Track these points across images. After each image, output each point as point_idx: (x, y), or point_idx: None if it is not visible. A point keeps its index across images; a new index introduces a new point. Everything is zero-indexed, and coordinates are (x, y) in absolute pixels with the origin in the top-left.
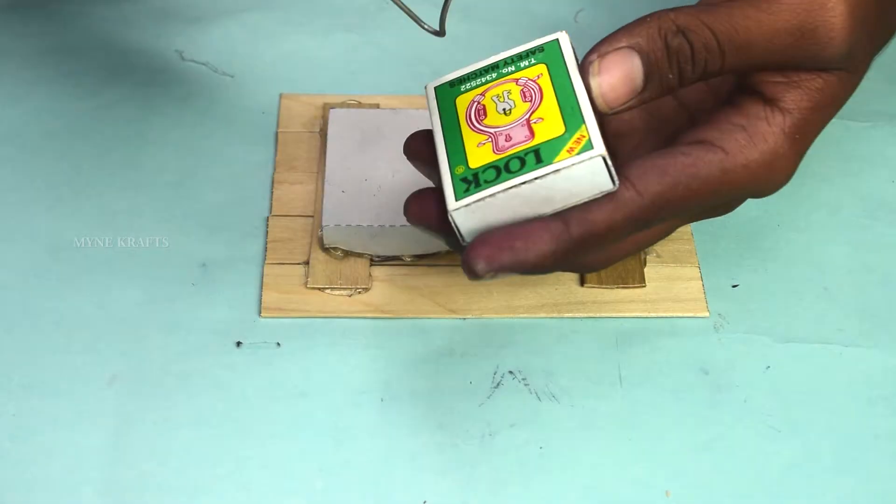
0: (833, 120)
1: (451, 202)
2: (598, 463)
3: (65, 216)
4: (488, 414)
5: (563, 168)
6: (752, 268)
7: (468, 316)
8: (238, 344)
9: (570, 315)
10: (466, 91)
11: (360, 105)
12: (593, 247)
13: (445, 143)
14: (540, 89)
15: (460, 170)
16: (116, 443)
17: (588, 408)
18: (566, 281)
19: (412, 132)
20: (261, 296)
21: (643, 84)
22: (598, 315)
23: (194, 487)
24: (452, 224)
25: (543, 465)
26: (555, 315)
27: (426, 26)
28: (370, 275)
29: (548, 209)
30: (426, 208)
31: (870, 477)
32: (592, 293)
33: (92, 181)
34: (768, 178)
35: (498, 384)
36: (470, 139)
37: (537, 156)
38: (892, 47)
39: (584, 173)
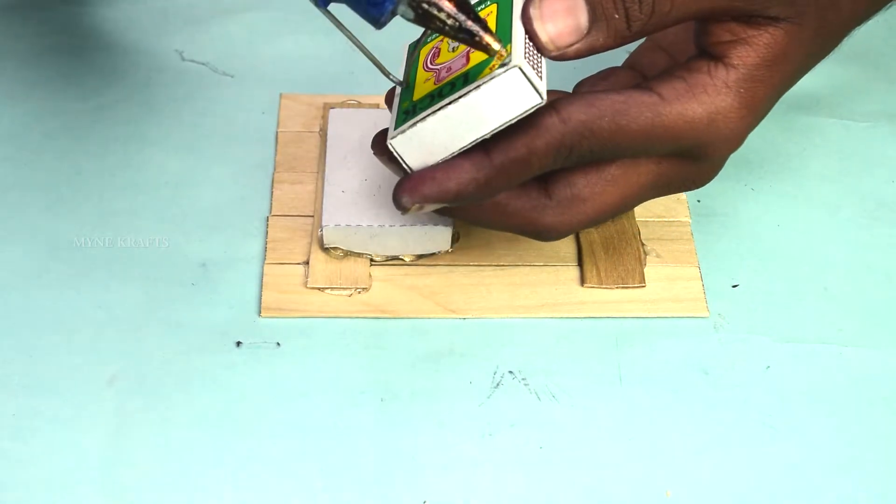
0: (833, 120)
1: (390, 134)
2: (598, 463)
3: (65, 216)
4: (488, 414)
5: (483, 84)
6: (752, 268)
7: (468, 316)
8: (238, 344)
9: (570, 315)
10: (431, 41)
11: (360, 105)
12: (518, 173)
13: (401, 90)
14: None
15: (405, 105)
16: (116, 443)
17: (588, 408)
18: (566, 281)
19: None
20: (260, 296)
21: (588, 23)
22: (598, 315)
23: (194, 487)
24: (396, 156)
25: (543, 465)
26: (555, 315)
27: (392, 77)
28: (370, 275)
29: (485, 130)
30: (384, 144)
31: (870, 477)
32: (592, 293)
33: (91, 181)
34: (711, 131)
35: (498, 384)
36: (420, 78)
37: (465, 78)
38: (892, 48)
39: (505, 87)
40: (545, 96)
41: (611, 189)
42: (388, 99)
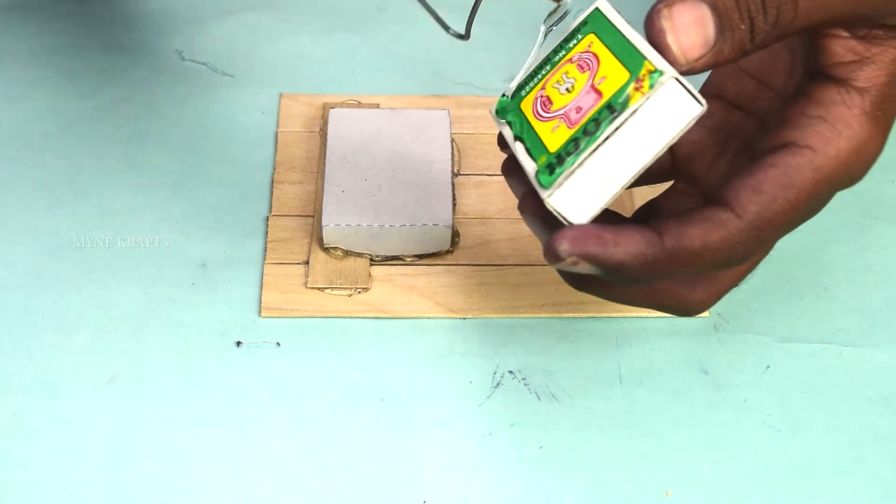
0: None
1: (543, 193)
2: (598, 463)
3: (65, 216)
4: (488, 414)
5: (639, 106)
6: None
7: (468, 316)
8: (238, 344)
9: (570, 315)
10: (528, 93)
11: (360, 105)
12: (685, 265)
13: (526, 149)
14: (595, 55)
15: (543, 160)
16: (116, 443)
17: (588, 408)
18: None
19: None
20: (260, 296)
21: (715, 34)
22: (598, 315)
23: (194, 487)
24: (556, 214)
25: (543, 465)
26: (555, 315)
27: (451, 31)
28: (370, 275)
29: (648, 157)
30: (532, 205)
31: (870, 477)
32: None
33: (92, 181)
34: (859, 162)
35: (498, 384)
36: (543, 130)
37: (610, 109)
38: None
39: (662, 103)
40: (705, 103)
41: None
42: (505, 170)
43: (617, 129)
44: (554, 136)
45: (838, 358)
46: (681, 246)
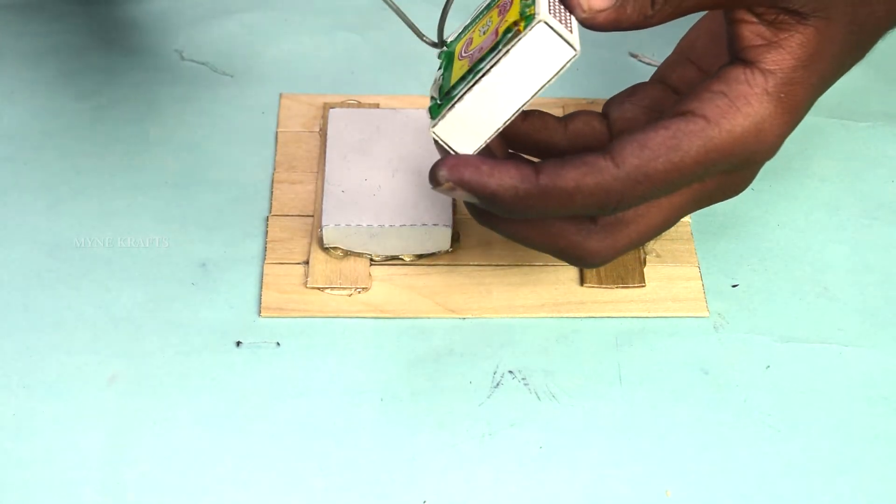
0: (833, 120)
1: (430, 122)
2: (598, 463)
3: (65, 216)
4: (488, 414)
5: (512, 48)
6: (752, 268)
7: (468, 316)
8: (238, 344)
9: (570, 315)
10: (464, 35)
11: (360, 105)
12: (557, 204)
13: (440, 84)
14: (511, 1)
15: (442, 94)
16: (116, 443)
17: (588, 408)
18: (566, 281)
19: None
20: (260, 296)
21: None
22: (598, 315)
23: (194, 487)
24: (441, 143)
25: (543, 465)
26: (555, 315)
27: (426, 38)
28: (370, 275)
29: (525, 96)
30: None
31: (870, 477)
32: (592, 293)
33: (91, 181)
34: (758, 140)
35: (498, 384)
36: (456, 68)
37: (494, 49)
38: (892, 48)
39: (535, 45)
40: (579, 48)
41: (653, 210)
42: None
43: (491, 67)
44: (458, 74)
45: (838, 358)
46: (553, 184)
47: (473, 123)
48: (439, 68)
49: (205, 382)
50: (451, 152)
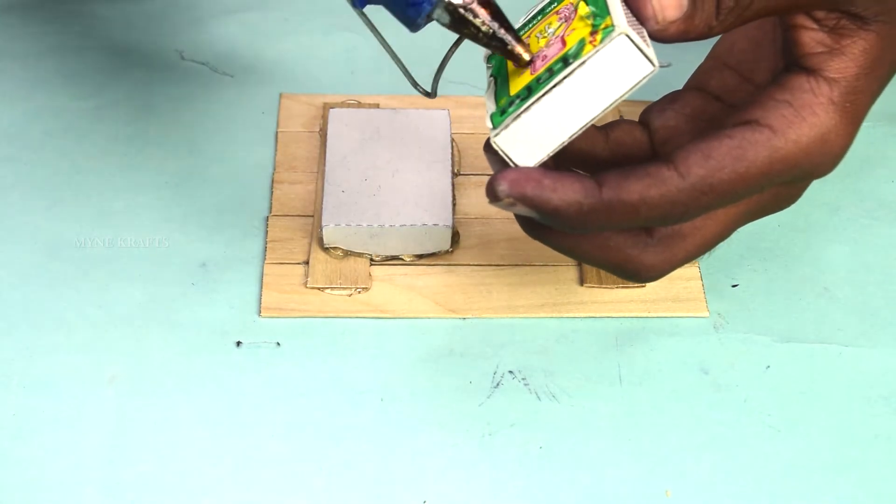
0: None
1: (491, 132)
2: (598, 463)
3: (65, 216)
4: (488, 414)
5: (588, 59)
6: (752, 268)
7: (468, 316)
8: (238, 344)
9: (570, 315)
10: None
11: (360, 105)
12: (621, 217)
13: (495, 90)
14: (575, 7)
15: (502, 102)
16: (116, 443)
17: (588, 408)
18: (566, 281)
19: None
20: (260, 296)
21: (689, 2)
22: (598, 315)
23: (194, 487)
24: (501, 154)
25: (543, 465)
26: (555, 315)
27: (419, 88)
28: (370, 275)
29: (596, 111)
30: (504, 177)
31: (870, 477)
32: (592, 293)
33: (92, 181)
34: (823, 152)
35: (498, 384)
36: (513, 76)
37: (565, 60)
38: None
39: (612, 59)
40: (657, 63)
41: (710, 224)
42: (487, 148)
43: (564, 78)
44: (518, 82)
45: (838, 358)
46: (618, 198)
47: (538, 136)
48: (490, 73)
49: (205, 382)
50: (511, 164)
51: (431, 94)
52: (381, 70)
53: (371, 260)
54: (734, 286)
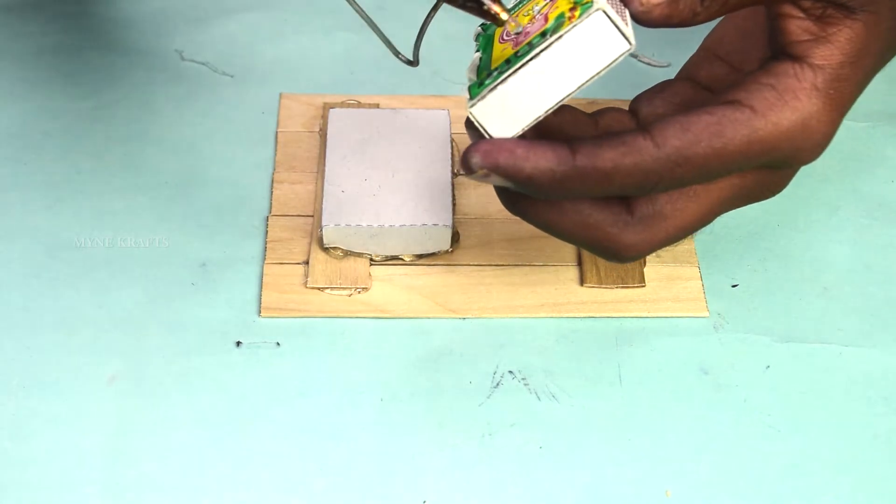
0: None
1: (468, 102)
2: (598, 463)
3: (65, 216)
4: (488, 414)
5: (565, 33)
6: (752, 268)
7: (468, 316)
8: (238, 344)
9: (570, 315)
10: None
11: (360, 105)
12: (595, 185)
13: (479, 66)
14: None
15: (482, 75)
16: (116, 443)
17: (588, 408)
18: (566, 281)
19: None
20: (260, 296)
21: None
22: (598, 315)
23: (194, 487)
24: (477, 125)
25: (543, 465)
26: (555, 315)
27: (401, 56)
28: (370, 275)
29: (572, 86)
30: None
31: (870, 477)
32: (592, 293)
33: (91, 181)
34: (804, 137)
35: (498, 384)
36: (497, 51)
37: (543, 35)
38: None
39: (589, 34)
40: (634, 42)
41: (692, 205)
42: (468, 123)
43: (541, 51)
44: (500, 56)
45: (838, 358)
46: (592, 165)
47: (513, 109)
48: (476, 50)
49: (205, 382)
50: (486, 136)
51: (414, 63)
52: (381, 70)
53: (371, 260)
54: (734, 286)
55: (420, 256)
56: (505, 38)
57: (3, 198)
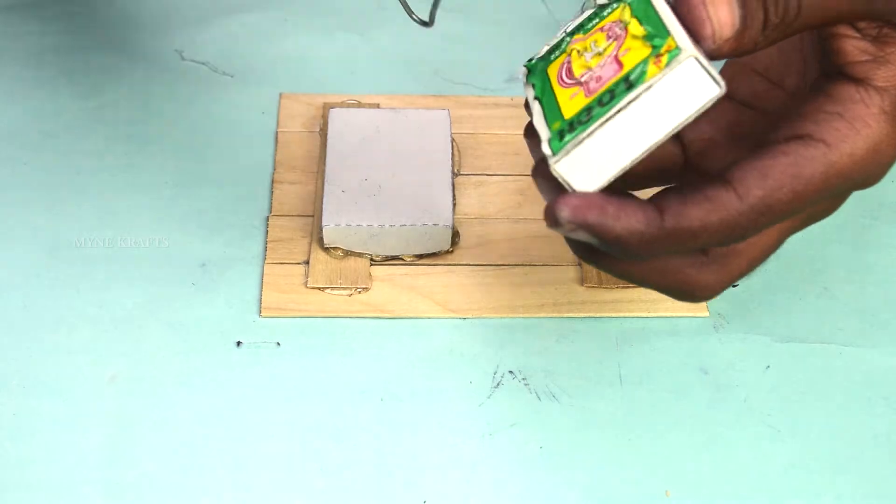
0: None
1: (550, 159)
2: (598, 463)
3: (65, 216)
4: (488, 414)
5: (655, 82)
6: None
7: (468, 316)
8: (238, 344)
9: (570, 315)
10: (556, 57)
11: (360, 105)
12: (683, 243)
13: (543, 112)
14: (625, 26)
15: (556, 126)
16: (116, 443)
17: (588, 408)
18: (566, 281)
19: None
20: (261, 296)
21: (740, 17)
22: (598, 315)
23: (194, 487)
24: (561, 181)
25: (543, 465)
26: (555, 315)
27: (415, 17)
28: (370, 275)
29: (660, 135)
30: (544, 170)
31: (869, 477)
32: (592, 293)
33: (91, 181)
34: (875, 162)
35: (498, 384)
36: (563, 96)
37: (627, 82)
38: None
39: (679, 81)
40: (723, 85)
41: (764, 238)
42: (526, 132)
43: (630, 102)
44: (571, 104)
45: (838, 358)
46: (680, 226)
47: (599, 161)
48: (534, 95)
49: (205, 382)
50: (569, 189)
51: (429, 24)
52: (381, 70)
53: (371, 260)
54: (734, 286)
55: (420, 256)
56: (567, 80)
57: (3, 198)
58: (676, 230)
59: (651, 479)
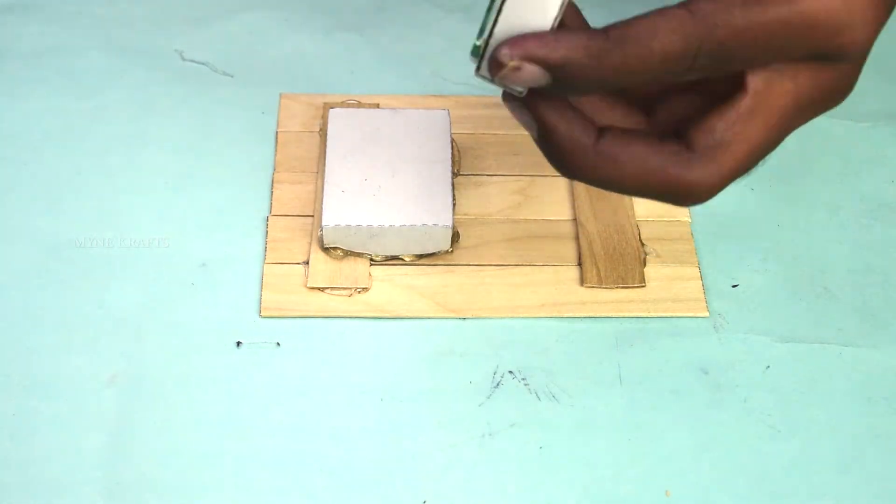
0: (833, 120)
1: (476, 71)
2: (598, 463)
3: (65, 216)
4: (488, 414)
5: None
6: (752, 268)
7: (468, 316)
8: (238, 344)
9: (570, 315)
10: None
11: (360, 105)
12: (634, 58)
13: (473, 49)
14: None
15: (477, 43)
16: (116, 443)
17: (588, 408)
18: (566, 281)
19: None
20: (261, 296)
21: None
22: (598, 315)
23: (194, 487)
24: (488, 81)
25: (543, 465)
26: (555, 315)
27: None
28: (370, 275)
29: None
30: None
31: (870, 477)
32: (592, 293)
33: (92, 181)
34: (848, 10)
35: (498, 384)
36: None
37: None
38: (892, 48)
39: None
40: None
41: (753, 124)
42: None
43: None
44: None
45: (838, 358)
46: (625, 34)
47: (523, 18)
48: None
49: (205, 382)
50: (515, 92)
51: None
52: (381, 70)
53: (371, 260)
54: (734, 286)
55: (420, 256)
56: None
57: (3, 198)
58: (623, 37)
59: (651, 479)
